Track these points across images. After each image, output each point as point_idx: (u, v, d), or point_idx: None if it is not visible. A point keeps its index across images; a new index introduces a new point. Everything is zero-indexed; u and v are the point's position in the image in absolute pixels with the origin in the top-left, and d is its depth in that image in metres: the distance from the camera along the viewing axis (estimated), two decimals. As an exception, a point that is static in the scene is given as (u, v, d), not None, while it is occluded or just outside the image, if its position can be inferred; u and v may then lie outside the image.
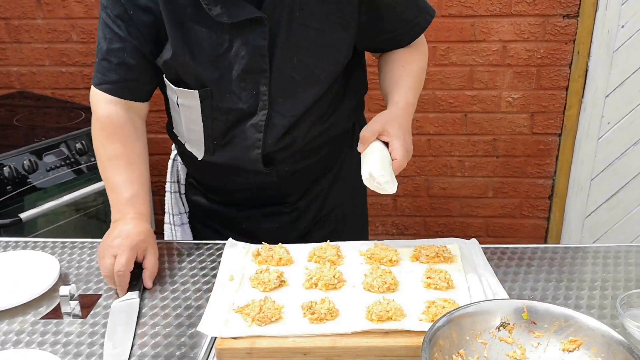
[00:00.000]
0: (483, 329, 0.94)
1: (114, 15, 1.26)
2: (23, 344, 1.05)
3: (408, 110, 1.31)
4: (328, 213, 1.53)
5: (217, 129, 1.33)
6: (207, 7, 1.18)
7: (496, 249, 1.31)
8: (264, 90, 1.27)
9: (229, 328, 1.02)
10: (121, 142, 1.33)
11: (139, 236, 1.23)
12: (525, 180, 2.89)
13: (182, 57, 1.25)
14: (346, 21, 1.26)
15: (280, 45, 1.23)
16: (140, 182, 1.31)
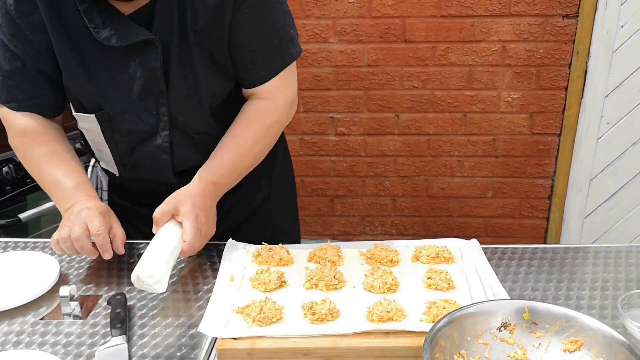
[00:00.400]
0: (484, 330, 0.94)
1: (10, 34, 1.24)
2: (23, 345, 1.04)
3: (209, 189, 1.27)
4: (255, 210, 1.52)
5: (122, 150, 1.35)
6: (95, 30, 1.18)
7: (496, 249, 1.31)
8: (164, 111, 1.28)
9: (230, 329, 1.02)
10: (47, 144, 1.32)
11: (100, 207, 1.24)
12: (524, 180, 2.89)
13: (78, 79, 1.26)
14: (222, 44, 1.25)
15: (174, 65, 1.24)
16: (78, 174, 1.31)
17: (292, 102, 1.38)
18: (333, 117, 2.88)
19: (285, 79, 1.34)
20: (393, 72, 2.76)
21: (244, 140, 1.33)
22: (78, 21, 1.20)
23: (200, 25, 1.22)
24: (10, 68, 1.27)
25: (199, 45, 1.24)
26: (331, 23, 2.71)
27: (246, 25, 1.24)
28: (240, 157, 1.33)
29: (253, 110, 1.35)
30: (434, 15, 2.64)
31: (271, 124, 1.35)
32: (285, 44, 1.31)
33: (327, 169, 2.99)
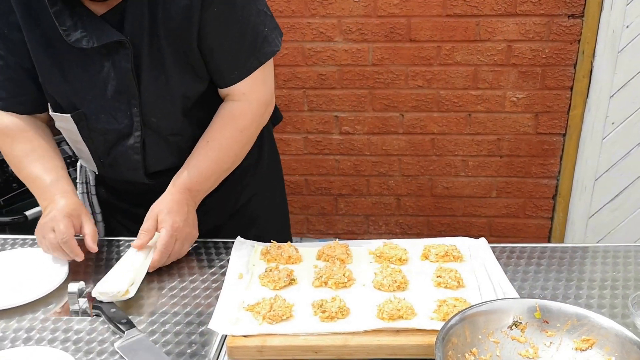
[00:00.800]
0: (495, 328, 0.94)
1: None
2: (33, 342, 1.04)
3: (184, 195, 1.29)
4: (245, 204, 1.52)
5: (99, 148, 1.35)
6: (65, 33, 1.18)
7: (504, 248, 1.31)
8: (136, 112, 1.28)
9: (240, 326, 1.02)
10: (27, 141, 1.32)
11: (69, 207, 1.24)
12: (529, 180, 2.88)
13: (54, 79, 1.26)
14: (192, 45, 1.25)
15: (145, 66, 1.24)
16: (57, 170, 1.32)
17: (267, 102, 1.37)
18: (337, 116, 2.87)
19: (260, 78, 1.33)
20: (398, 71, 2.76)
21: (218, 145, 1.33)
22: (51, 23, 1.19)
23: (172, 26, 1.21)
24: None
25: (171, 46, 1.23)
26: (336, 22, 2.71)
27: (216, 25, 1.23)
28: (215, 161, 1.33)
29: (227, 113, 1.34)
30: (440, 14, 2.64)
31: (245, 126, 1.35)
32: (259, 43, 1.29)
33: (331, 168, 2.99)
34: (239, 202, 1.49)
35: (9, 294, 1.15)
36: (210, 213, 1.39)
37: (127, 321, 1.07)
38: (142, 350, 1.01)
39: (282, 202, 1.66)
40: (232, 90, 1.32)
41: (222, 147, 1.33)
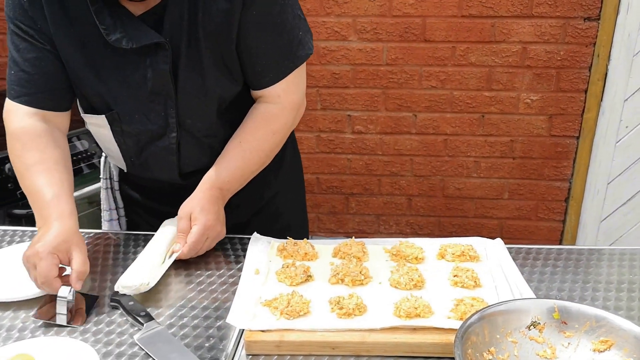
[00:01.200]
0: (513, 328, 0.94)
1: (25, 26, 1.22)
2: (53, 332, 1.06)
3: (215, 193, 1.29)
4: (266, 204, 1.52)
5: (131, 148, 1.35)
6: (105, 32, 1.17)
7: (520, 249, 1.31)
8: (172, 113, 1.29)
9: (258, 321, 1.03)
10: (38, 149, 1.25)
11: (57, 239, 1.13)
12: (541, 182, 2.88)
13: (86, 79, 1.25)
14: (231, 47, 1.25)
15: (182, 67, 1.24)
16: (60, 185, 1.23)
17: (299, 105, 1.38)
18: (350, 115, 2.88)
19: (294, 81, 1.33)
20: (412, 71, 2.76)
21: (250, 146, 1.33)
22: (88, 21, 1.19)
23: (211, 28, 1.21)
24: (24, 59, 1.24)
25: (209, 48, 1.23)
26: (351, 21, 2.71)
27: (254, 27, 1.24)
28: (247, 162, 1.34)
29: (260, 114, 1.35)
30: (455, 15, 2.64)
31: (278, 128, 1.35)
32: (294, 47, 1.30)
33: (342, 167, 2.99)
34: (263, 200, 1.50)
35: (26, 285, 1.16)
36: (236, 210, 1.40)
37: (145, 314, 1.08)
38: (161, 342, 1.02)
39: (302, 199, 1.67)
40: (266, 93, 1.33)
41: (254, 148, 1.33)
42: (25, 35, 1.23)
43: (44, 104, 1.29)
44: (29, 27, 1.23)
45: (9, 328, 1.06)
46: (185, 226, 1.26)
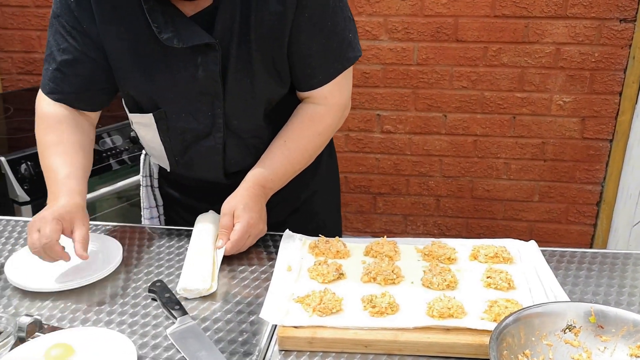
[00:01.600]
0: (549, 331, 0.94)
1: (69, 26, 1.24)
2: (91, 322, 1.08)
3: (258, 191, 1.30)
4: (303, 204, 1.52)
5: (176, 148, 1.37)
6: (157, 30, 1.19)
7: (554, 252, 1.30)
8: (219, 113, 1.29)
9: (291, 317, 1.04)
10: (56, 133, 1.29)
11: (63, 209, 1.17)
12: (573, 185, 2.84)
13: (134, 78, 1.27)
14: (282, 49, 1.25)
15: (232, 68, 1.24)
16: (74, 166, 1.26)
17: (345, 107, 1.38)
18: (379, 114, 2.88)
19: (341, 83, 1.34)
20: (443, 71, 2.75)
21: (295, 146, 1.34)
22: (138, 20, 1.20)
23: (263, 31, 1.22)
24: (62, 60, 1.27)
25: (260, 50, 1.24)
26: (382, 20, 2.71)
27: (306, 30, 1.24)
28: (290, 161, 1.35)
29: (306, 115, 1.35)
30: (488, 15, 2.62)
31: (323, 129, 1.36)
32: (344, 48, 1.30)
33: (371, 166, 2.99)
34: (300, 200, 1.51)
35: (66, 276, 1.19)
36: (274, 209, 1.42)
37: (179, 307, 1.09)
38: (192, 338, 1.03)
39: (337, 199, 1.68)
40: (314, 94, 1.33)
41: (299, 148, 1.34)
42: (68, 35, 1.26)
43: (75, 104, 1.33)
44: (73, 27, 1.25)
45: (48, 318, 1.09)
46: (229, 223, 1.26)
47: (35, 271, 1.20)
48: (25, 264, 1.22)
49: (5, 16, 2.90)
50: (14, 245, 1.34)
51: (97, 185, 2.14)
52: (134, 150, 2.28)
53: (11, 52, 2.97)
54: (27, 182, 1.96)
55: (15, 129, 2.31)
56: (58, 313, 1.10)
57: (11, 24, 2.92)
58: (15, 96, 2.77)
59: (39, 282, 1.17)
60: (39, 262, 1.18)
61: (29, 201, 1.97)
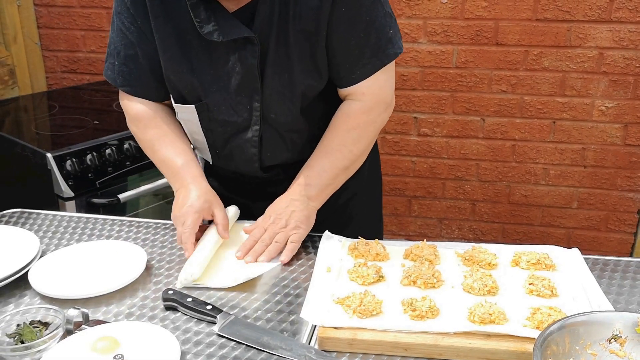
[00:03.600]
0: (594, 340, 0.92)
1: (128, 22, 1.32)
2: (134, 317, 1.10)
3: (289, 190, 1.37)
4: (342, 206, 1.52)
5: (217, 139, 1.40)
6: (199, 24, 1.23)
7: (597, 259, 1.28)
8: (257, 106, 1.32)
9: (331, 318, 1.04)
10: (157, 127, 1.40)
11: (200, 199, 1.31)
12: (613, 192, 2.79)
13: (181, 71, 1.31)
14: (320, 44, 1.27)
15: (270, 63, 1.27)
16: (187, 153, 1.39)
17: (387, 103, 1.38)
18: (417, 117, 2.86)
19: (380, 79, 1.34)
20: (482, 74, 2.72)
21: (332, 143, 1.36)
22: (185, 16, 1.25)
23: (301, 26, 1.24)
24: (126, 55, 1.35)
25: (298, 44, 1.26)
26: (422, 23, 2.70)
27: (343, 24, 1.25)
28: (331, 159, 1.36)
29: (342, 113, 1.37)
30: (529, 18, 2.59)
31: (357, 124, 1.36)
32: (383, 44, 1.30)
33: (406, 169, 2.98)
34: (339, 201, 1.51)
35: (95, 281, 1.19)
36: None
37: (212, 307, 1.09)
38: (244, 329, 1.05)
39: (378, 203, 1.68)
40: (353, 91, 1.34)
41: (336, 145, 1.36)
42: (127, 31, 1.33)
43: (144, 95, 1.41)
44: (131, 24, 1.32)
45: (94, 312, 1.11)
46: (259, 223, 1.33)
47: (64, 278, 1.20)
48: (52, 270, 1.22)
49: (51, 16, 2.98)
50: (60, 239, 1.38)
51: (137, 183, 2.18)
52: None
53: (56, 51, 3.05)
54: (72, 178, 2.01)
55: (60, 126, 2.37)
56: (103, 307, 1.13)
57: (57, 24, 2.99)
58: (60, 94, 2.83)
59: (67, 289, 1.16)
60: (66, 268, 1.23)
61: (73, 197, 2.02)
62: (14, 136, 2.19)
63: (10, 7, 2.84)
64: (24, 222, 1.44)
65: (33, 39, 2.99)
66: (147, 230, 1.42)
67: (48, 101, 2.74)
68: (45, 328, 1.03)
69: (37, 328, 1.02)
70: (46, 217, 1.47)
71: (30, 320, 1.04)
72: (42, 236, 1.38)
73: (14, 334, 1.01)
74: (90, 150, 2.06)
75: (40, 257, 1.26)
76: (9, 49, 2.87)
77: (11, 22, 2.85)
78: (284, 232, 1.32)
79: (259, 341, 1.02)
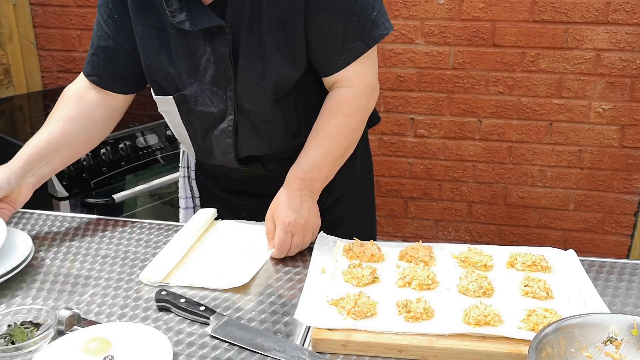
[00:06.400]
0: (589, 342, 0.92)
1: (106, 15, 1.36)
2: (127, 318, 1.09)
3: (296, 186, 1.32)
4: (332, 205, 1.51)
5: (197, 131, 1.40)
6: (171, 14, 1.26)
7: (593, 261, 1.27)
8: (231, 96, 1.32)
9: (325, 319, 1.04)
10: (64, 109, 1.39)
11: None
12: (610, 194, 2.78)
13: (160, 62, 1.33)
14: (296, 31, 1.25)
15: (242, 52, 1.27)
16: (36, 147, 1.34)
17: (373, 87, 1.37)
18: (413, 118, 2.86)
19: (366, 62, 1.32)
20: (479, 76, 2.72)
21: (328, 133, 1.34)
22: (162, 8, 1.28)
23: (276, 14, 1.23)
24: (98, 45, 1.39)
25: (272, 32, 1.25)
26: (419, 24, 2.69)
27: (322, 9, 1.23)
28: (326, 149, 1.34)
29: (333, 101, 1.35)
30: (526, 19, 2.58)
31: (351, 111, 1.34)
32: (367, 27, 1.28)
33: (403, 170, 2.97)
34: (327, 202, 1.49)
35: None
36: None
37: (205, 308, 1.08)
38: (238, 330, 1.04)
39: (370, 204, 1.67)
40: (339, 77, 1.33)
41: (332, 134, 1.34)
42: (104, 24, 1.37)
43: (108, 86, 1.42)
44: (109, 17, 1.36)
45: (86, 312, 1.10)
46: (271, 227, 1.29)
47: None
48: None
49: (47, 15, 2.97)
50: (53, 240, 1.37)
51: (133, 183, 2.17)
52: (169, 149, 2.30)
53: (52, 50, 3.03)
54: (66, 178, 2.00)
55: (55, 125, 2.36)
56: (95, 307, 1.12)
57: (53, 23, 2.98)
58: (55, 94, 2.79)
59: None
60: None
61: (67, 197, 2.01)
62: (9, 136, 2.19)
63: (6, 6, 2.83)
64: (17, 222, 1.43)
65: (29, 38, 2.98)
66: (142, 230, 1.41)
67: (43, 101, 2.73)
68: (37, 329, 1.02)
69: (29, 329, 1.01)
70: (39, 217, 1.46)
71: (21, 320, 1.03)
72: (36, 236, 1.37)
73: (5, 335, 1.00)
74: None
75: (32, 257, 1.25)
76: (4, 48, 2.86)
77: (7, 21, 2.84)
78: (311, 230, 1.31)
79: (253, 342, 1.01)
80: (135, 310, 1.11)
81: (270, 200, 1.34)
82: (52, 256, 1.29)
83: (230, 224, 1.42)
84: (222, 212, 1.48)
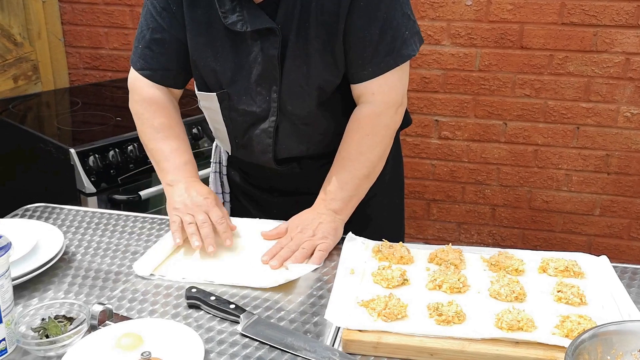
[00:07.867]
0: (625, 350, 0.90)
1: (160, 7, 1.35)
2: (158, 314, 1.10)
3: (316, 205, 1.37)
4: (361, 205, 1.49)
5: (237, 129, 1.41)
6: (223, 14, 1.27)
7: (626, 268, 1.25)
8: (275, 97, 1.33)
9: (355, 320, 1.03)
10: (166, 117, 1.41)
11: (211, 194, 1.35)
12: (637, 200, 2.74)
13: (205, 58, 1.33)
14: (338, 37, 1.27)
15: (289, 54, 1.28)
16: (187, 153, 1.41)
17: (398, 104, 1.36)
18: (438, 120, 2.84)
19: (391, 79, 1.33)
20: (505, 78, 2.70)
21: (347, 153, 1.36)
22: (213, 5, 1.29)
23: (322, 18, 1.25)
24: (151, 38, 1.37)
25: (318, 37, 1.27)
26: (445, 25, 2.68)
27: (360, 18, 1.26)
28: (349, 169, 1.35)
29: (353, 119, 1.37)
30: (555, 22, 2.56)
31: (371, 130, 1.35)
32: (398, 44, 1.30)
33: (426, 172, 2.96)
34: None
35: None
36: None
37: (236, 306, 1.09)
38: (268, 329, 1.04)
39: (399, 206, 1.66)
40: (363, 90, 1.34)
41: (352, 154, 1.36)
42: (158, 15, 1.35)
43: (163, 81, 1.42)
44: (164, 9, 1.35)
45: (118, 307, 1.11)
46: (280, 230, 1.35)
47: None
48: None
49: (75, 12, 3.00)
50: (83, 235, 1.38)
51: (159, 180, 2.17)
52: (196, 146, 2.31)
53: (79, 47, 3.07)
54: (94, 174, 2.02)
55: (82, 122, 2.39)
56: (126, 303, 1.13)
57: (80, 20, 3.01)
58: (82, 90, 2.85)
59: None
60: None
61: (95, 192, 2.03)
62: (37, 131, 2.21)
63: (35, 4, 2.87)
64: (48, 217, 1.45)
65: (57, 35, 3.01)
66: (167, 227, 1.41)
67: (70, 97, 2.76)
68: (70, 323, 1.03)
69: (62, 323, 1.02)
70: (69, 212, 1.48)
71: (54, 314, 1.04)
72: (66, 231, 1.38)
73: (39, 328, 1.01)
74: (113, 147, 2.07)
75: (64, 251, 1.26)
76: (33, 44, 2.89)
77: (35, 18, 2.88)
78: (311, 240, 1.30)
79: (283, 342, 1.01)
80: (166, 307, 1.12)
81: (302, 197, 1.35)
82: (83, 251, 1.30)
83: (244, 222, 1.41)
84: (252, 208, 1.49)
